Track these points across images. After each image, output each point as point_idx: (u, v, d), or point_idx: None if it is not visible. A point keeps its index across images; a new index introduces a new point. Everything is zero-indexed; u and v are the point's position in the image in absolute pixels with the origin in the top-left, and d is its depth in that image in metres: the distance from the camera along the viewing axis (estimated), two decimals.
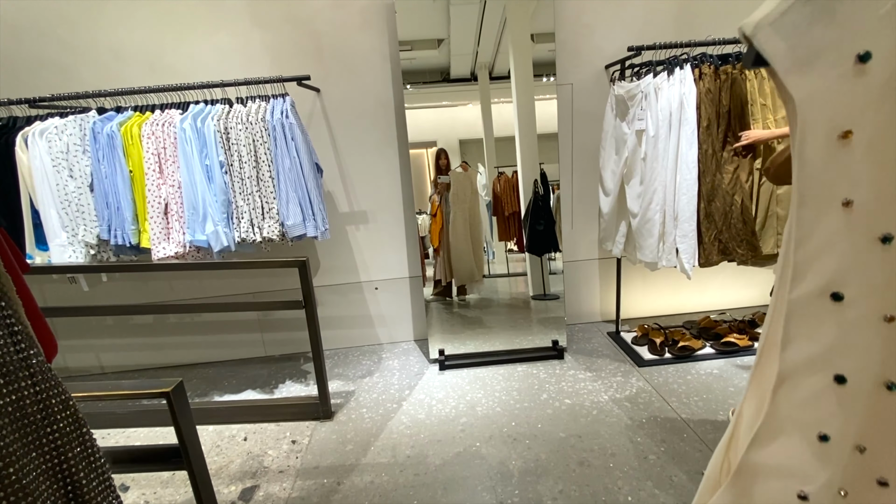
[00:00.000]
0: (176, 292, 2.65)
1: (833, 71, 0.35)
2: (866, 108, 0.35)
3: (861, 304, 0.41)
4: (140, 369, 2.76)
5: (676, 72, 2.03)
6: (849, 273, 0.40)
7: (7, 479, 0.46)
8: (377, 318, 2.86)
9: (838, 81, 0.36)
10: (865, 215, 0.38)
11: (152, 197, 2.03)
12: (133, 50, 2.35)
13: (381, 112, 2.54)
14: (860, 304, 0.41)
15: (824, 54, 0.35)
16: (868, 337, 0.41)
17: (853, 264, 0.40)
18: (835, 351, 0.42)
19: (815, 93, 0.36)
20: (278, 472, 1.79)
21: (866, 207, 0.38)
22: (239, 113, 2.06)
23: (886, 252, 0.37)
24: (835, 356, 0.43)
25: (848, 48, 0.34)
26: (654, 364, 2.37)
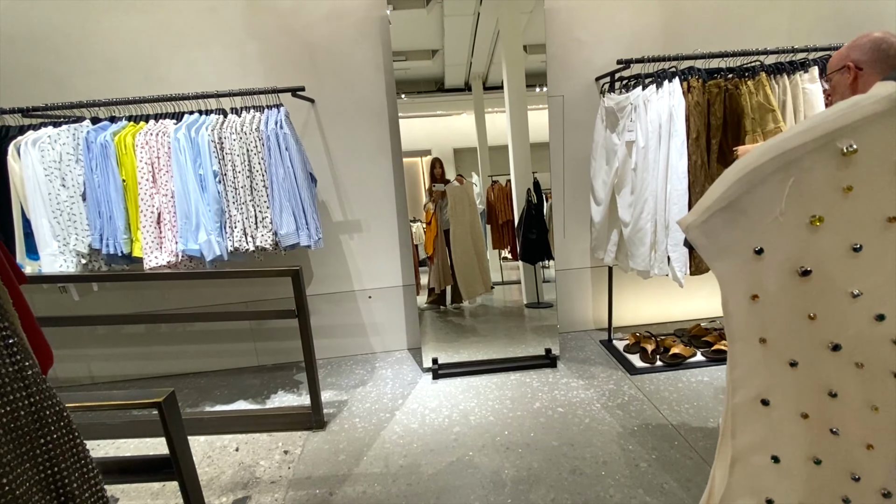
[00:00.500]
0: (168, 302, 2.64)
1: (740, 259, 0.51)
2: (766, 281, 0.50)
3: (782, 406, 0.56)
4: (131, 379, 2.73)
5: (665, 84, 2.07)
6: (771, 386, 0.56)
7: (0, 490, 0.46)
8: (370, 327, 2.86)
9: (744, 266, 0.51)
10: (777, 347, 0.54)
11: (145, 206, 2.03)
12: (127, 60, 2.36)
13: (375, 121, 2.57)
14: (782, 406, 0.57)
15: (733, 248, 0.50)
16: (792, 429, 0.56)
17: (773, 380, 0.56)
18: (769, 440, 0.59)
19: (729, 272, 0.52)
20: (270, 482, 1.77)
21: (777, 342, 0.54)
22: (233, 123, 2.07)
23: (795, 371, 0.52)
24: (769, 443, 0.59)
25: (747, 245, 0.49)
26: (646, 372, 2.39)
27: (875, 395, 0.54)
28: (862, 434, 0.56)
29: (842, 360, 0.54)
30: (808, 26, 2.61)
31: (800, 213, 0.49)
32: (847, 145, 0.44)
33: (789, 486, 0.60)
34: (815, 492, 0.60)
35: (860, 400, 0.55)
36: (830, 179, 0.46)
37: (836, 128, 0.44)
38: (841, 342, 0.53)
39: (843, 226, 0.48)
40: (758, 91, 2.06)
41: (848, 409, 0.56)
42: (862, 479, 0.57)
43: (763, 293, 0.54)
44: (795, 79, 2.12)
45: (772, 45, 2.25)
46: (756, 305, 0.55)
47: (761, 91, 2.05)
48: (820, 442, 0.58)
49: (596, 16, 2.51)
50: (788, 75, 2.13)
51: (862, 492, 0.57)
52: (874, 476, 0.57)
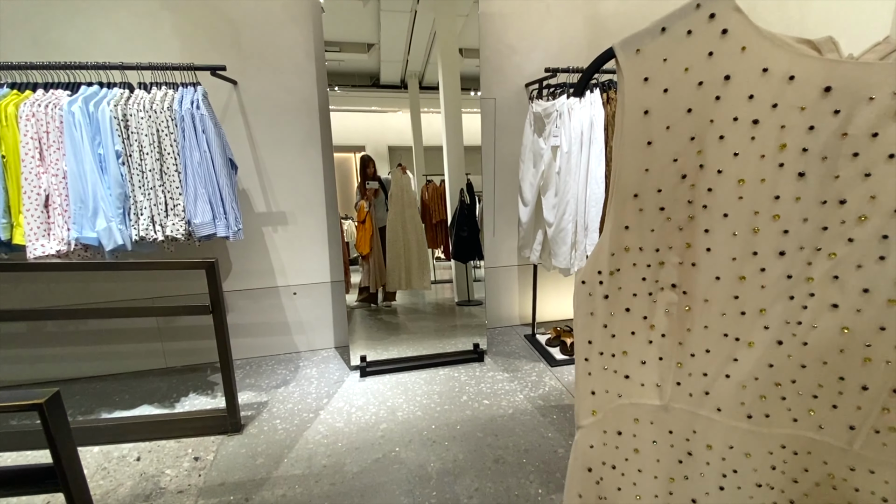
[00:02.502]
0: (56, 296, 2.33)
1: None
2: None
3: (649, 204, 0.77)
4: (9, 385, 2.37)
5: (587, 95, 2.22)
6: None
7: None
8: (295, 325, 2.74)
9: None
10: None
11: (30, 187, 1.77)
12: (12, 18, 2.05)
13: (304, 111, 2.47)
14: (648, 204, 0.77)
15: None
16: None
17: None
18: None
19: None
20: (177, 492, 1.63)
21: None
22: (141, 99, 1.88)
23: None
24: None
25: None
26: (566, 364, 2.53)
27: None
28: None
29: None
30: None
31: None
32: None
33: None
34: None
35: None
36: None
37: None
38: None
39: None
40: None
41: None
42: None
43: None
44: None
45: None
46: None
47: None
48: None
49: (527, 23, 2.62)
50: None
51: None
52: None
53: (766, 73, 0.62)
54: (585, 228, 2.26)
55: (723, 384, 0.77)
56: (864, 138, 0.60)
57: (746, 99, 0.64)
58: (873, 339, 0.66)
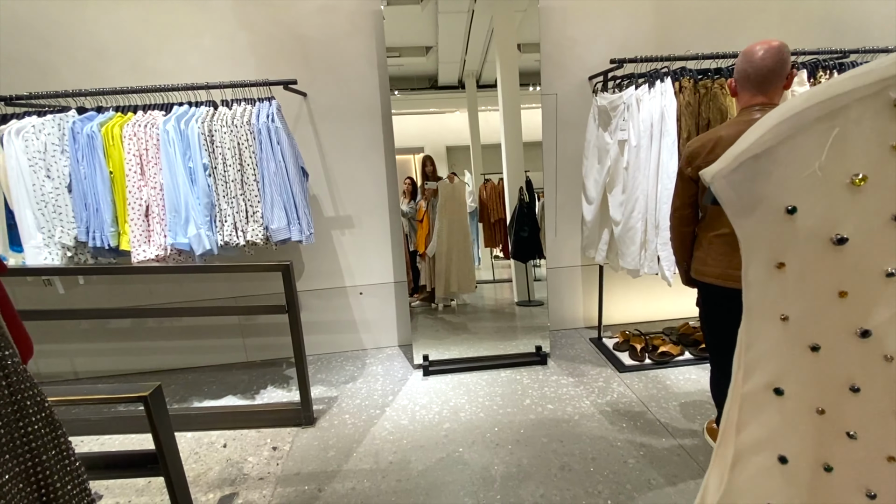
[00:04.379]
0: (155, 296, 2.60)
1: (768, 218, 0.45)
2: (794, 247, 0.44)
3: (797, 398, 0.49)
4: (116, 375, 2.69)
5: (657, 84, 2.09)
6: (787, 373, 0.49)
7: None
8: (361, 324, 2.84)
9: (772, 226, 0.45)
10: (799, 328, 0.47)
11: (133, 199, 1.99)
12: (115, 49, 2.31)
13: (367, 117, 2.55)
14: (797, 398, 0.50)
15: (762, 204, 0.44)
16: (804, 425, 0.49)
17: (790, 366, 0.49)
18: (778, 435, 0.51)
19: (754, 233, 0.46)
20: (258, 479, 1.76)
21: (799, 322, 0.47)
22: (224, 115, 2.04)
23: (816, 357, 0.45)
24: (778, 440, 0.51)
25: (779, 202, 0.43)
26: (635, 370, 2.41)
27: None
28: (883, 442, 0.49)
29: (870, 349, 0.47)
30: (799, 29, 2.65)
31: (841, 170, 0.42)
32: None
33: (795, 493, 0.52)
34: (821, 502, 0.52)
35: (886, 400, 0.48)
36: (880, 134, 0.40)
37: (894, 73, 0.38)
38: (871, 328, 0.46)
39: (889, 190, 0.41)
40: None
41: (871, 409, 0.49)
42: (878, 497, 0.49)
43: (790, 261, 0.46)
44: None
45: None
46: (780, 275, 0.47)
47: None
48: (833, 445, 0.50)
49: (590, 15, 2.52)
50: None
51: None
52: (892, 494, 0.49)
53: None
54: (656, 227, 2.13)
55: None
56: None
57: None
58: None
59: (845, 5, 2.66)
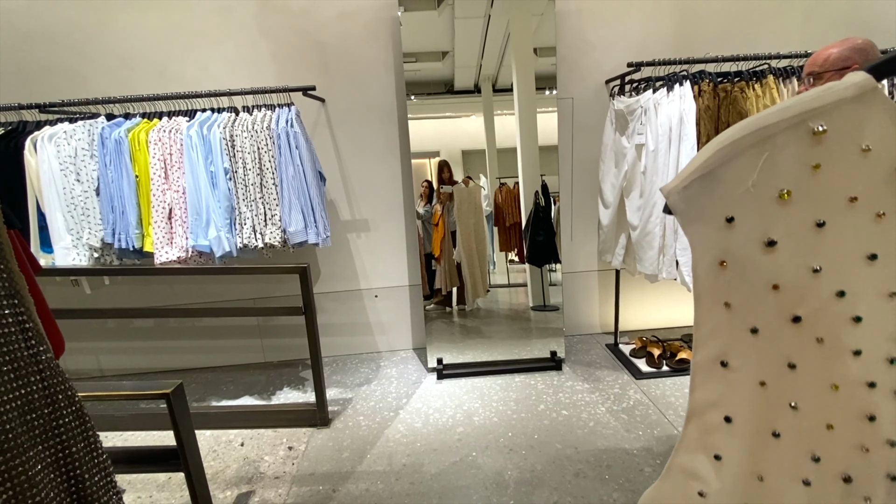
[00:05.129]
0: (177, 296, 2.67)
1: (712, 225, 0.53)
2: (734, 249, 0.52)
3: (741, 371, 0.58)
4: (139, 373, 2.77)
5: (676, 88, 2.07)
6: (731, 349, 0.58)
7: (14, 471, 0.47)
8: (376, 326, 2.87)
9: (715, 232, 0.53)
10: (740, 313, 0.56)
11: (157, 202, 2.05)
12: (142, 57, 2.40)
13: (384, 122, 2.58)
14: (740, 371, 0.58)
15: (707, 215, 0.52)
16: (748, 393, 0.57)
17: (734, 344, 0.57)
18: (724, 399, 0.60)
19: (701, 237, 0.54)
20: (274, 477, 1.79)
21: (740, 308, 0.56)
22: (245, 121, 2.09)
23: (756, 338, 0.53)
24: (724, 402, 0.60)
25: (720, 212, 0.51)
26: (652, 376, 2.37)
27: (835, 373, 0.55)
28: (822, 413, 0.57)
29: (802, 332, 0.55)
30: (822, 30, 2.59)
31: (771, 186, 0.51)
32: (818, 125, 0.47)
33: (742, 449, 0.62)
34: (774, 466, 0.60)
35: (820, 377, 0.56)
36: (801, 157, 0.49)
37: (810, 108, 0.47)
38: (801, 315, 0.54)
39: (809, 202, 0.51)
40: (764, 94, 2.04)
41: (808, 384, 0.57)
42: (822, 460, 0.57)
43: (731, 260, 0.56)
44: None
45: (784, 49, 2.23)
46: (723, 271, 0.57)
47: (768, 94, 2.04)
48: (779, 414, 0.59)
49: (607, 18, 2.51)
50: (798, 79, 2.11)
51: (822, 474, 0.57)
52: (834, 459, 0.57)
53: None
54: (675, 231, 2.10)
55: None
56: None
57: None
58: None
59: (868, 5, 2.59)
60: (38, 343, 0.53)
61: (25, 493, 0.49)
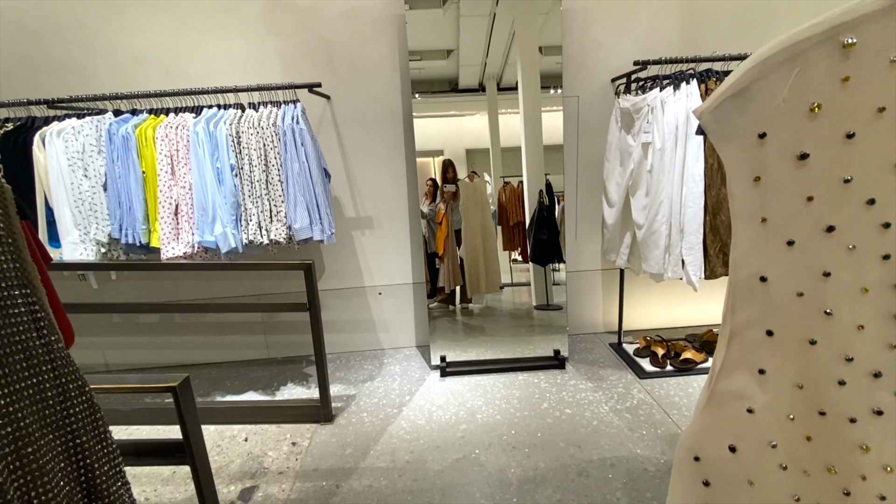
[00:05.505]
0: (182, 292, 2.68)
1: (745, 142, 0.55)
2: (767, 164, 0.54)
3: (779, 283, 0.60)
4: (144, 368, 2.79)
5: (683, 86, 2.06)
6: (769, 263, 0.60)
7: (25, 458, 0.48)
8: (380, 323, 2.87)
9: (748, 149, 0.55)
10: (776, 227, 0.58)
11: (164, 198, 2.06)
12: (150, 54, 2.41)
13: (389, 120, 2.59)
14: (778, 283, 0.60)
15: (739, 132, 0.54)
16: (787, 306, 0.60)
17: (772, 258, 0.59)
18: (764, 314, 0.62)
19: (735, 155, 0.56)
20: (278, 473, 1.79)
21: (776, 222, 0.58)
22: (251, 118, 2.10)
23: (792, 250, 0.56)
24: (765, 318, 0.63)
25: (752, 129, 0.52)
26: (656, 376, 2.37)
27: (865, 277, 0.57)
28: (853, 315, 0.59)
29: (836, 241, 0.57)
30: None
31: (802, 101, 0.52)
32: (848, 38, 0.47)
33: (781, 359, 0.64)
34: (810, 371, 0.63)
35: (852, 282, 0.58)
36: (831, 70, 0.49)
37: (841, 22, 0.48)
38: (835, 224, 0.56)
39: (839, 114, 0.52)
40: None
41: (840, 290, 0.59)
42: (854, 360, 0.60)
43: (765, 175, 0.57)
44: None
45: None
46: (758, 187, 0.58)
47: None
48: (815, 322, 0.62)
49: (613, 16, 2.50)
50: None
51: (855, 373, 0.60)
52: (866, 357, 0.60)
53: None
54: (681, 231, 2.09)
55: None
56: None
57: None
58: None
59: None
60: (50, 333, 0.54)
61: (36, 480, 0.49)
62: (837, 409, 0.62)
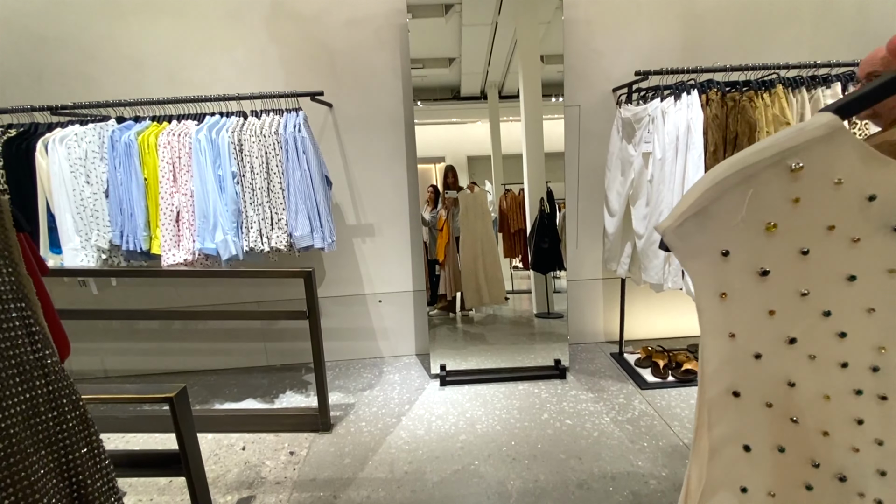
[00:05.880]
0: (182, 299, 2.68)
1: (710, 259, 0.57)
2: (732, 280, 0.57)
3: (750, 397, 0.62)
4: (143, 374, 2.77)
5: (683, 97, 2.06)
6: (740, 378, 0.62)
7: (17, 476, 0.47)
8: (380, 331, 2.86)
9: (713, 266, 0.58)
10: (743, 341, 0.60)
11: (165, 204, 2.07)
12: (153, 62, 2.42)
13: (391, 127, 2.59)
14: (750, 397, 0.63)
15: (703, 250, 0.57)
16: (759, 417, 0.62)
17: (742, 372, 0.62)
18: (740, 429, 0.64)
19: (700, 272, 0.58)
20: (275, 483, 1.78)
21: (743, 337, 0.60)
22: (253, 126, 2.11)
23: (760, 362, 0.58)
24: (741, 432, 0.64)
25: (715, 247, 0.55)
26: (658, 387, 2.35)
27: (826, 384, 0.61)
28: (817, 422, 0.63)
29: (798, 352, 0.61)
30: (832, 42, 2.58)
31: (758, 220, 0.56)
32: (795, 162, 0.51)
33: (760, 473, 0.66)
34: (781, 479, 0.66)
35: (814, 390, 0.62)
36: (782, 191, 0.54)
37: (787, 147, 0.51)
38: (796, 336, 0.60)
39: (793, 232, 0.56)
40: (773, 103, 2.03)
41: (804, 398, 0.63)
42: (821, 465, 0.63)
43: (730, 291, 0.60)
44: (816, 93, 2.09)
45: (794, 59, 2.22)
46: (725, 303, 0.61)
47: (777, 103, 2.03)
48: (783, 430, 0.64)
49: (615, 27, 2.51)
50: (808, 90, 2.10)
51: (821, 477, 0.63)
52: (831, 462, 0.63)
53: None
54: None
55: None
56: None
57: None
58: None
59: (879, 15, 2.58)
60: (44, 347, 0.53)
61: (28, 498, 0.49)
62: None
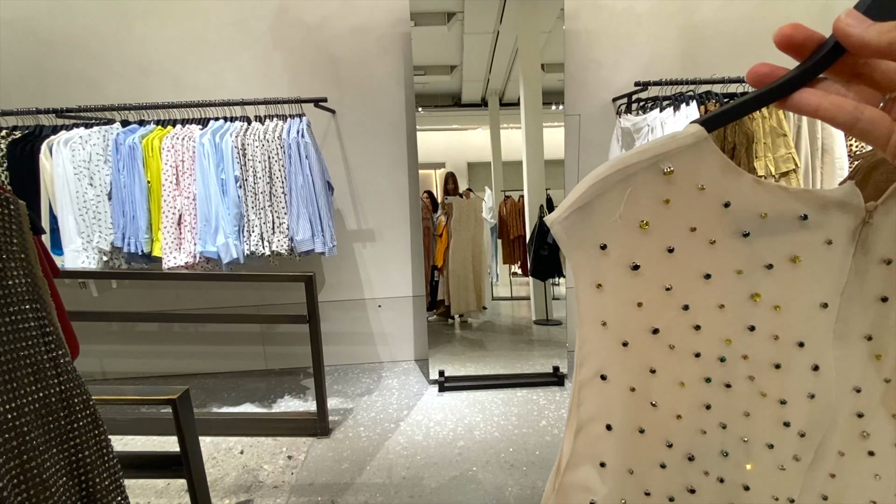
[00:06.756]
0: (182, 301, 2.68)
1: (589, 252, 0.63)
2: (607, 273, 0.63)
3: (616, 381, 0.69)
4: (141, 377, 2.77)
5: (682, 108, 2.09)
6: (608, 363, 0.68)
7: (29, 473, 0.48)
8: (379, 336, 2.87)
9: (591, 259, 0.63)
10: (613, 329, 0.66)
11: (167, 207, 2.08)
12: (159, 66, 2.45)
13: (393, 134, 2.62)
14: (615, 381, 0.69)
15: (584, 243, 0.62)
16: (622, 400, 0.69)
17: (610, 358, 0.68)
18: (604, 409, 0.70)
19: (581, 263, 0.64)
20: (273, 487, 1.78)
21: (613, 325, 0.66)
22: (256, 130, 2.13)
23: (626, 350, 0.65)
24: (605, 412, 0.70)
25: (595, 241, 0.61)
26: None
27: (681, 372, 0.67)
28: (672, 406, 0.69)
29: (660, 342, 0.66)
30: None
31: (634, 217, 0.60)
32: (667, 166, 0.56)
33: (618, 451, 0.72)
34: (639, 457, 0.72)
35: (671, 377, 0.67)
36: (655, 192, 0.58)
37: (662, 152, 0.55)
38: (659, 327, 0.65)
39: (662, 231, 0.60)
40: (771, 115, 2.07)
41: (663, 384, 0.68)
42: (674, 445, 0.70)
43: (605, 283, 0.65)
44: None
45: None
46: (599, 293, 0.65)
47: (774, 115, 2.06)
48: (643, 413, 0.70)
49: (615, 37, 2.55)
50: None
51: (674, 456, 0.70)
52: (682, 443, 0.70)
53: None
54: None
55: None
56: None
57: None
58: None
59: None
60: (58, 347, 0.54)
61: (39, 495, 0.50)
62: (659, 490, 0.71)
